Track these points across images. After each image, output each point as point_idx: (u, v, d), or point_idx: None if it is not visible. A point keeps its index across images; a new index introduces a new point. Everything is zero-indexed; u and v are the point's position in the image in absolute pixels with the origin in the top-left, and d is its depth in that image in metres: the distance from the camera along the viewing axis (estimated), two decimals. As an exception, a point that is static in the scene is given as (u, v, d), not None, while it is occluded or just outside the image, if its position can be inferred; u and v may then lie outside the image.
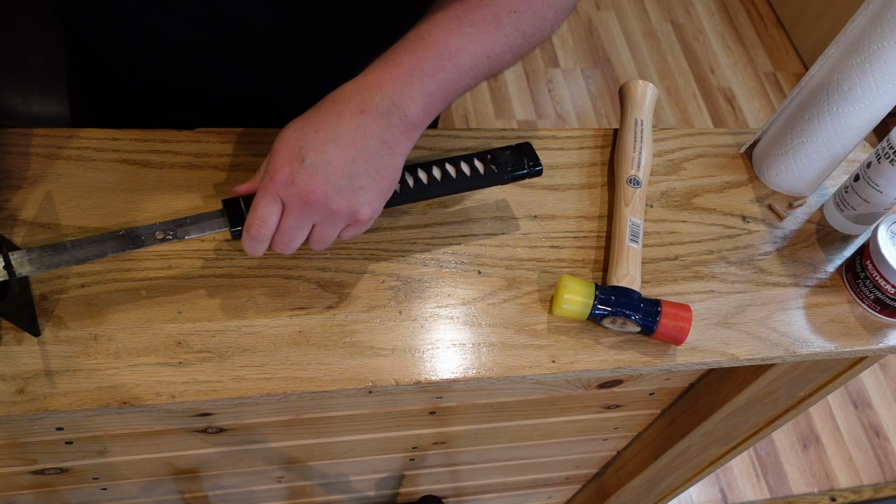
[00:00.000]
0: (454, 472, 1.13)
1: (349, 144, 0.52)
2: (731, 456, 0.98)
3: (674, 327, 0.62)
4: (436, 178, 0.62)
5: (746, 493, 1.81)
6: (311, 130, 0.52)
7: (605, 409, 0.96)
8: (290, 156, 0.52)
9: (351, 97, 0.53)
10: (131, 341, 0.57)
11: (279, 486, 1.02)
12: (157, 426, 0.76)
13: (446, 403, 0.85)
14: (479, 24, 0.56)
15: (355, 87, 0.54)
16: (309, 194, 0.52)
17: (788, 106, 0.74)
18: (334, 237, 0.56)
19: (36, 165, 0.63)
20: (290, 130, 0.53)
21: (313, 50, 0.71)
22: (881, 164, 0.68)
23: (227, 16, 0.65)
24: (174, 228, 0.55)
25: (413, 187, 0.61)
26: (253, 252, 0.55)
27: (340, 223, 0.55)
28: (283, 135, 0.53)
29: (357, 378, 0.58)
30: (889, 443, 1.93)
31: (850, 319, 0.70)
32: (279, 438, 0.86)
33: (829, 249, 0.74)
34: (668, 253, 0.70)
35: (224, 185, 0.65)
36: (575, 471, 1.22)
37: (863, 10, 0.65)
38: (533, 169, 0.65)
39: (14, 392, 0.53)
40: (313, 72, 0.73)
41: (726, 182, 0.76)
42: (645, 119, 0.76)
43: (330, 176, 0.52)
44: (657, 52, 2.51)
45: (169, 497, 0.97)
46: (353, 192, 0.53)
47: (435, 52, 0.54)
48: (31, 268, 0.52)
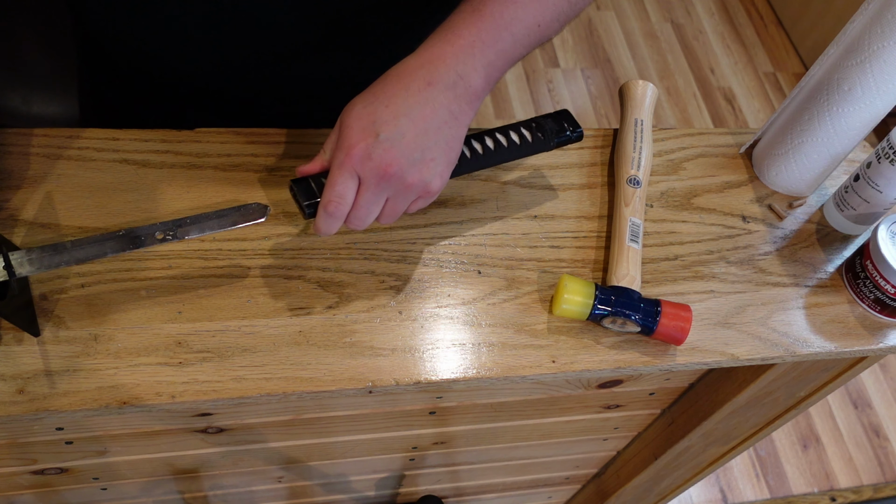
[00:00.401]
0: (454, 472, 1.13)
1: (420, 117, 0.53)
2: (731, 456, 0.98)
3: (674, 327, 0.62)
4: (490, 147, 0.63)
5: (746, 493, 1.81)
6: (382, 105, 0.53)
7: (605, 409, 0.96)
8: (364, 131, 0.52)
9: (416, 71, 0.54)
10: (131, 341, 0.57)
11: (279, 486, 1.02)
12: (157, 426, 0.76)
13: (446, 403, 0.85)
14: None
15: (419, 62, 0.54)
16: (386, 168, 0.52)
17: (788, 106, 0.74)
18: (404, 210, 0.57)
19: (36, 165, 0.63)
20: (360, 106, 0.53)
21: (329, 49, 0.71)
22: (881, 164, 0.68)
23: (241, 16, 0.65)
24: (174, 229, 0.55)
25: (469, 158, 0.62)
26: (327, 230, 0.55)
27: (412, 195, 0.56)
28: (353, 110, 0.54)
29: (357, 378, 0.58)
30: (889, 443, 1.93)
31: (849, 319, 0.70)
32: (279, 438, 0.86)
33: (828, 249, 0.74)
34: (668, 253, 0.70)
35: (224, 185, 0.65)
36: (575, 471, 1.22)
37: (863, 10, 0.65)
38: (574, 131, 0.67)
39: (14, 392, 0.53)
40: (327, 71, 0.73)
41: (726, 182, 0.76)
42: (645, 119, 0.76)
43: (404, 149, 0.52)
44: (657, 52, 2.51)
45: (169, 497, 0.97)
46: (426, 164, 0.54)
47: (492, 23, 0.55)
48: (31, 268, 0.52)
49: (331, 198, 0.53)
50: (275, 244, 0.63)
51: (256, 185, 0.66)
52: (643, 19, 2.60)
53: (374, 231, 0.66)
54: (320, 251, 0.64)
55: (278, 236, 0.64)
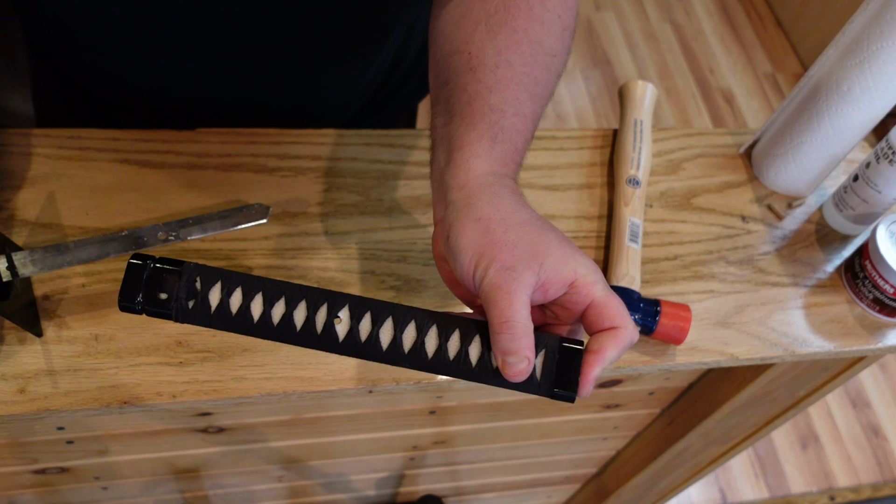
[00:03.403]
0: (454, 471, 1.13)
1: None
2: (730, 455, 0.98)
3: (673, 327, 0.62)
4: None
5: (745, 492, 1.81)
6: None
7: (604, 409, 0.96)
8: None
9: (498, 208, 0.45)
10: (132, 341, 0.57)
11: (279, 485, 1.02)
12: (157, 426, 0.76)
13: (446, 403, 0.85)
14: (543, 84, 0.52)
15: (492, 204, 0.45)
16: None
17: (788, 106, 0.74)
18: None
19: (37, 165, 0.63)
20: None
21: (311, 58, 0.71)
22: (880, 165, 0.68)
23: (213, 40, 0.65)
24: (177, 229, 0.55)
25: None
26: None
27: None
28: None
29: (357, 378, 0.58)
30: (888, 442, 1.93)
31: (849, 319, 0.70)
32: (279, 438, 0.86)
33: (828, 249, 0.74)
34: (667, 253, 0.71)
35: (225, 185, 0.65)
36: (574, 470, 1.22)
37: (862, 10, 0.65)
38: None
39: (15, 391, 0.53)
40: (310, 80, 0.73)
41: (726, 182, 0.77)
42: (644, 119, 0.76)
43: None
44: (656, 53, 2.52)
45: (169, 496, 0.97)
46: None
47: (520, 140, 0.50)
48: (34, 268, 0.52)
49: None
50: (275, 244, 0.63)
51: (257, 185, 0.66)
52: (642, 20, 2.60)
53: (375, 231, 0.66)
54: (320, 251, 0.64)
55: (279, 236, 0.64)
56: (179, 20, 0.63)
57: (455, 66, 0.50)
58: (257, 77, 0.70)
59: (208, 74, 0.69)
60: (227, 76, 0.70)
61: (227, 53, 0.67)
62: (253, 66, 0.69)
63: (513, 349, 0.41)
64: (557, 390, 0.43)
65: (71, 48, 0.69)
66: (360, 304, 0.44)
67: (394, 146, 0.71)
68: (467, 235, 0.43)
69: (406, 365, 0.44)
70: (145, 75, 0.70)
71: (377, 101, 0.84)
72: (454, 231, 0.44)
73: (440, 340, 0.44)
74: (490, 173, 0.46)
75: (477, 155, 0.47)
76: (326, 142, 0.70)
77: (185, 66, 0.68)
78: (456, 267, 0.44)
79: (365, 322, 0.43)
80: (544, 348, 0.43)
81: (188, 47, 0.66)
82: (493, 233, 0.43)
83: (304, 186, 0.67)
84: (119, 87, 0.72)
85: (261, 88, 0.72)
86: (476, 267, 0.43)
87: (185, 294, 0.43)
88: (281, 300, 0.44)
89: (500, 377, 0.43)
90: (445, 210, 0.46)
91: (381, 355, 0.43)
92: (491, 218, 0.44)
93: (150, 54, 0.67)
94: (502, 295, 0.41)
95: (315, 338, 0.43)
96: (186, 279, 0.43)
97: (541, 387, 0.43)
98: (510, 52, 0.50)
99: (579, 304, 0.43)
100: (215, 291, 0.43)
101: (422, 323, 0.44)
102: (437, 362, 0.43)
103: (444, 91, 0.51)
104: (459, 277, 0.44)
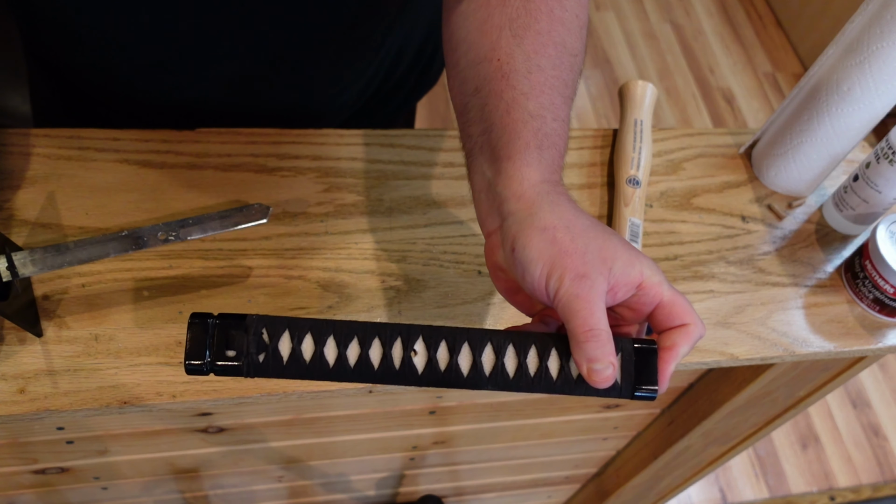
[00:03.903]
0: (454, 471, 1.13)
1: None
2: (730, 455, 0.98)
3: (673, 327, 0.62)
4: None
5: (746, 492, 1.81)
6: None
7: (604, 409, 0.96)
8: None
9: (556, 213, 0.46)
10: (132, 341, 0.57)
11: (279, 485, 1.02)
12: (157, 426, 0.76)
13: (446, 403, 0.85)
14: (571, 85, 0.53)
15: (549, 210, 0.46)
16: None
17: (788, 106, 0.74)
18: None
19: (36, 165, 0.63)
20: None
21: (311, 59, 0.71)
22: (880, 165, 0.68)
23: (214, 42, 0.65)
24: (177, 229, 0.55)
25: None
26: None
27: None
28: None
29: (357, 378, 0.58)
30: (888, 442, 1.93)
31: (849, 319, 0.70)
32: (279, 438, 0.86)
33: (828, 249, 0.74)
34: (667, 253, 0.71)
35: (225, 185, 0.65)
36: (574, 470, 1.22)
37: (862, 10, 0.65)
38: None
39: (15, 392, 0.53)
40: (310, 80, 0.73)
41: (726, 182, 0.77)
42: (644, 119, 0.76)
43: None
44: (656, 53, 2.52)
45: (169, 496, 0.97)
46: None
47: (562, 144, 0.51)
48: (34, 268, 0.52)
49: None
50: (275, 244, 0.63)
51: (257, 185, 0.66)
52: (642, 20, 2.60)
53: (375, 231, 0.66)
54: (321, 251, 0.64)
55: (279, 236, 0.64)
56: (179, 21, 0.63)
57: (485, 74, 0.50)
58: (257, 77, 0.70)
59: (208, 75, 0.69)
60: (226, 76, 0.70)
61: (227, 53, 0.67)
62: (253, 66, 0.69)
63: (599, 356, 0.41)
64: (638, 391, 0.44)
65: (68, 49, 0.69)
66: (434, 334, 0.44)
67: (394, 146, 0.71)
68: (535, 246, 0.43)
69: (489, 388, 0.44)
70: (144, 76, 0.70)
71: (376, 101, 0.84)
72: (520, 243, 0.44)
73: (519, 359, 0.44)
74: (543, 181, 0.46)
75: (528, 164, 0.47)
76: (326, 142, 0.70)
77: (186, 67, 0.68)
78: (525, 278, 0.44)
79: (442, 351, 0.43)
80: (621, 351, 0.44)
81: (188, 48, 0.66)
82: (560, 242, 0.43)
83: (304, 186, 0.67)
84: (118, 88, 0.72)
85: (261, 88, 0.72)
86: (549, 277, 0.43)
87: (254, 348, 0.42)
88: (354, 341, 0.43)
89: (583, 385, 0.43)
90: (504, 221, 0.46)
91: (463, 381, 0.43)
92: (556, 227, 0.44)
93: (150, 55, 0.67)
94: (582, 304, 0.41)
95: (395, 374, 0.43)
96: (253, 332, 0.42)
97: (623, 389, 0.44)
98: (539, 57, 0.50)
99: (647, 304, 0.44)
100: (285, 341, 0.43)
101: (498, 344, 0.44)
102: (519, 381, 0.43)
103: (475, 99, 0.50)
104: (529, 288, 0.44)
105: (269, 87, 0.72)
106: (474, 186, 0.50)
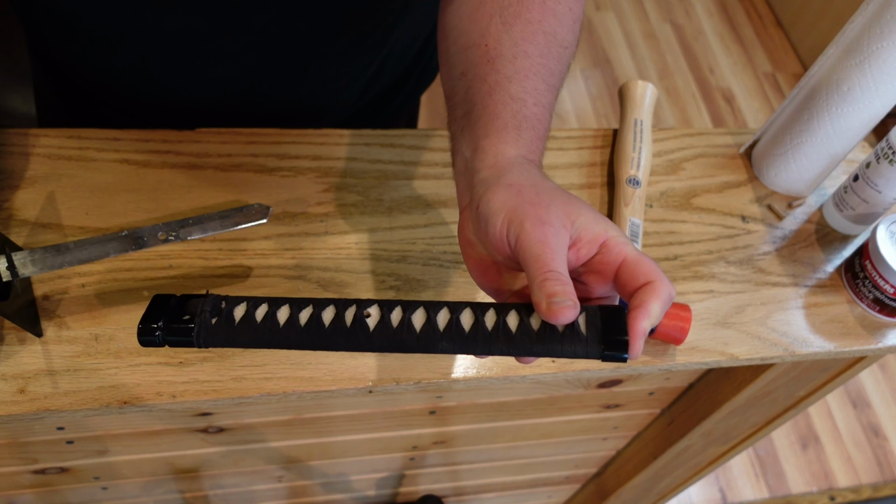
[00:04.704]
0: (454, 471, 1.13)
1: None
2: (730, 455, 0.98)
3: (673, 327, 0.62)
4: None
5: (745, 492, 1.81)
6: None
7: (604, 409, 0.96)
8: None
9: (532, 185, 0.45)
10: (132, 341, 0.57)
11: (279, 485, 1.02)
12: (157, 426, 0.76)
13: (446, 403, 0.85)
14: (557, 75, 0.53)
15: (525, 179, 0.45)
16: None
17: (788, 106, 0.74)
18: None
19: (36, 165, 0.63)
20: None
21: (312, 57, 0.71)
22: (880, 165, 0.68)
23: (214, 42, 0.65)
24: (177, 229, 0.55)
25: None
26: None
27: None
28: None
29: (357, 378, 0.58)
30: (888, 442, 1.93)
31: (849, 319, 0.70)
32: (279, 438, 0.86)
33: (828, 249, 0.74)
34: (667, 253, 0.71)
35: (225, 185, 0.65)
36: (574, 470, 1.22)
37: (862, 10, 0.65)
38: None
39: (15, 392, 0.53)
40: (310, 78, 0.73)
41: (726, 182, 0.77)
42: (644, 119, 0.76)
43: None
44: (656, 53, 2.52)
45: (169, 496, 0.97)
46: None
47: (542, 129, 0.51)
48: (35, 268, 0.52)
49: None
50: (275, 244, 0.63)
51: (257, 185, 0.66)
52: (642, 20, 2.60)
53: (375, 231, 0.66)
54: (321, 251, 0.64)
55: (279, 236, 0.64)
56: (179, 20, 0.63)
57: (472, 59, 0.50)
58: (259, 75, 0.70)
59: (208, 74, 0.69)
60: (229, 74, 0.70)
61: (230, 52, 0.67)
62: (255, 65, 0.69)
63: (559, 291, 0.39)
64: (608, 351, 0.40)
65: (70, 47, 0.69)
66: (389, 303, 0.43)
67: (394, 146, 0.71)
68: (499, 199, 0.43)
69: (443, 348, 0.41)
70: (144, 75, 0.70)
71: (379, 98, 0.84)
72: (484, 199, 0.43)
73: (476, 315, 0.42)
74: (518, 156, 0.46)
75: (504, 142, 0.47)
76: (326, 142, 0.70)
77: (186, 66, 0.68)
78: (488, 233, 0.43)
79: (396, 312, 0.42)
80: (584, 311, 0.41)
81: (188, 47, 0.66)
82: (524, 194, 0.42)
83: (304, 186, 0.67)
84: (118, 88, 0.73)
85: (263, 86, 0.72)
86: (510, 224, 0.42)
87: (209, 312, 0.42)
88: (308, 306, 0.43)
89: (546, 341, 0.40)
90: (474, 190, 0.46)
91: (416, 342, 0.41)
92: (522, 184, 0.43)
93: (149, 54, 0.67)
94: (543, 248, 0.40)
95: (345, 336, 0.42)
96: (211, 300, 0.43)
97: (590, 349, 0.40)
98: (527, 44, 0.50)
99: (611, 263, 0.42)
100: (240, 308, 0.42)
101: (454, 307, 0.42)
102: (475, 338, 0.41)
103: (460, 83, 0.51)
104: (491, 246, 0.43)
105: (272, 85, 0.72)
106: (455, 168, 0.50)
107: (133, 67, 0.69)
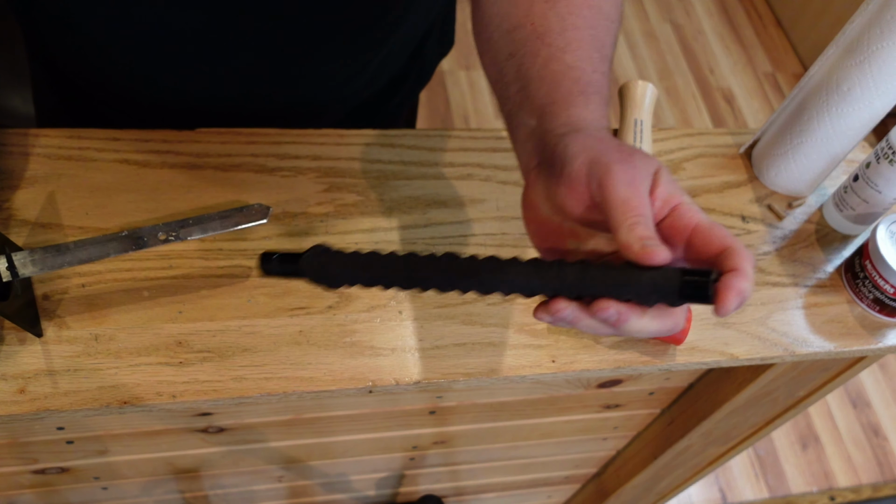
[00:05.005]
0: (454, 471, 1.13)
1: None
2: (730, 455, 0.98)
3: (673, 327, 0.62)
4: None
5: (746, 492, 1.81)
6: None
7: (604, 409, 0.96)
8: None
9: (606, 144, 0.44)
10: (132, 341, 0.57)
11: (279, 485, 1.02)
12: (157, 426, 0.76)
13: (446, 403, 0.85)
14: (608, 46, 0.52)
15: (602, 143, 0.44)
16: None
17: (788, 106, 0.74)
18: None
19: (36, 165, 0.63)
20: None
21: (312, 56, 0.71)
22: (880, 165, 0.68)
23: (213, 43, 0.65)
24: (177, 229, 0.55)
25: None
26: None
27: None
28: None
29: (357, 378, 0.58)
30: (888, 442, 1.93)
31: (849, 319, 0.70)
32: (279, 438, 0.86)
33: (828, 249, 0.74)
34: (667, 253, 0.70)
35: (225, 185, 0.65)
36: (574, 470, 1.22)
37: (862, 10, 0.65)
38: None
39: (15, 392, 0.53)
40: (310, 77, 0.73)
41: (726, 182, 0.77)
42: (644, 119, 0.76)
43: None
44: (656, 53, 2.52)
45: (169, 496, 0.97)
46: None
47: (605, 93, 0.49)
48: (34, 268, 0.52)
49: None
50: (275, 244, 0.63)
51: (257, 185, 0.66)
52: (642, 20, 2.60)
53: (374, 231, 0.66)
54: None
55: (279, 236, 0.64)
56: (178, 20, 0.63)
57: (519, 38, 0.49)
58: (260, 72, 0.70)
59: (208, 74, 0.69)
60: (229, 72, 0.70)
61: (230, 50, 0.67)
62: (255, 62, 0.69)
63: (651, 235, 0.37)
64: (687, 290, 0.37)
65: (70, 49, 0.69)
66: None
67: (394, 146, 0.71)
68: (579, 142, 0.41)
69: (516, 275, 0.41)
70: (144, 75, 0.70)
71: (380, 94, 0.84)
72: (562, 143, 0.41)
73: (558, 261, 0.40)
74: (590, 119, 0.45)
75: (574, 105, 0.45)
76: (326, 142, 0.70)
77: (185, 66, 0.68)
78: (563, 172, 0.41)
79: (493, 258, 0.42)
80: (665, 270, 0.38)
81: (188, 47, 0.66)
82: (606, 142, 0.41)
83: (304, 186, 0.67)
84: (118, 88, 0.73)
85: (263, 82, 0.72)
86: (592, 165, 0.39)
87: (319, 248, 0.45)
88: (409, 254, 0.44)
89: (631, 284, 0.38)
90: (545, 144, 0.43)
91: (490, 269, 0.42)
92: (601, 136, 0.42)
93: (149, 54, 0.67)
94: (632, 190, 0.38)
95: (447, 269, 0.42)
96: (321, 245, 0.45)
97: (675, 286, 0.37)
98: (574, 17, 0.49)
99: (681, 229, 0.40)
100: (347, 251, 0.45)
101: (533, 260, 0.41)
102: (552, 270, 0.40)
103: (509, 64, 0.49)
104: (562, 195, 0.41)
105: (271, 83, 0.72)
106: (517, 139, 0.48)
107: (132, 67, 0.69)
